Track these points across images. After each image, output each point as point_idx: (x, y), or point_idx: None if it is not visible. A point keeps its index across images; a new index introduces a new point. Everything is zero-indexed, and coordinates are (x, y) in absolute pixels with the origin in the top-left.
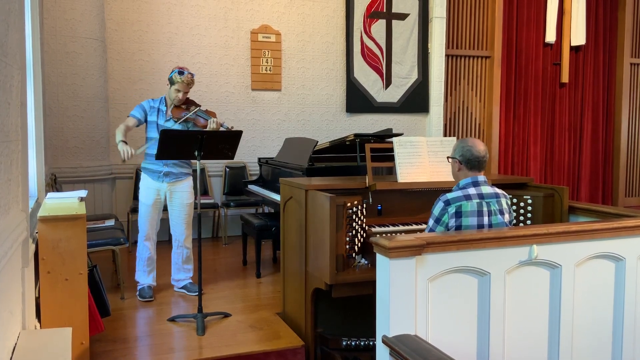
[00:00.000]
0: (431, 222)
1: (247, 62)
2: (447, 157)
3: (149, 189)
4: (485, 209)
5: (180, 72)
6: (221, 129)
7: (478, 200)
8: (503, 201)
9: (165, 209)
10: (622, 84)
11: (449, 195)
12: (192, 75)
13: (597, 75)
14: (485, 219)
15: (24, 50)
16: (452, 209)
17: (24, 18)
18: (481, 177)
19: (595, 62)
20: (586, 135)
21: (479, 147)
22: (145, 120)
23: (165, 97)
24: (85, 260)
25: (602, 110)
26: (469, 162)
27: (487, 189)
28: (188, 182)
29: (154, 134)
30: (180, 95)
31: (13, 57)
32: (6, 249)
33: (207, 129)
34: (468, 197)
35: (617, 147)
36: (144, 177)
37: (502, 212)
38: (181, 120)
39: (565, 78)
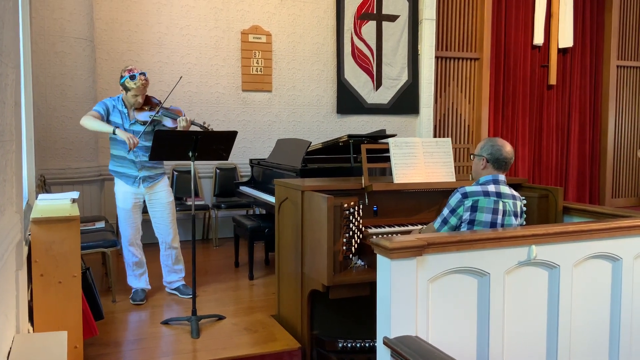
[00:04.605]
0: (446, 211)
1: (237, 62)
2: (472, 155)
3: (126, 193)
4: (500, 207)
5: (132, 77)
6: (192, 127)
7: (495, 198)
8: (518, 204)
9: (144, 211)
10: (609, 86)
11: (468, 189)
12: (144, 74)
13: (584, 77)
14: (499, 218)
15: (18, 49)
16: (468, 202)
17: (18, 16)
18: (502, 177)
19: (582, 64)
20: (573, 137)
21: (507, 148)
22: (108, 120)
23: (122, 99)
24: (79, 263)
25: (589, 112)
26: (497, 162)
27: (505, 189)
28: (165, 181)
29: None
30: (139, 99)
31: (7, 56)
32: (2, 252)
33: (178, 128)
34: (486, 194)
35: (603, 149)
36: (118, 182)
37: (515, 215)
38: (148, 123)
39: (552, 80)
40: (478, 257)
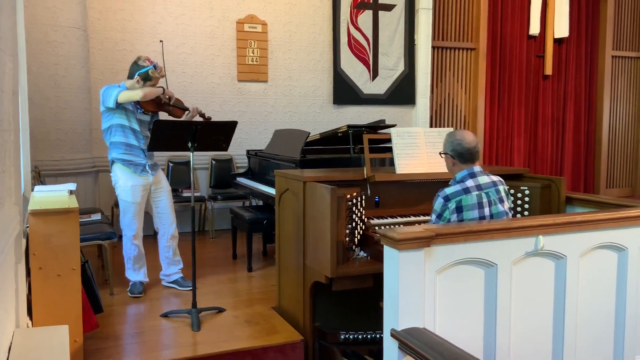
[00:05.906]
0: (434, 217)
1: (233, 52)
2: (440, 153)
3: (135, 187)
4: (485, 199)
5: (155, 67)
6: (197, 117)
7: (477, 192)
8: (501, 189)
9: None
10: (604, 76)
11: (448, 191)
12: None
13: (580, 68)
14: (486, 210)
15: (15, 37)
16: (452, 205)
17: (15, 3)
18: (477, 168)
19: (578, 55)
20: (568, 127)
21: (468, 137)
22: (116, 107)
23: (127, 87)
24: (78, 255)
25: (584, 102)
26: (461, 156)
27: (484, 179)
28: (161, 171)
29: (134, 124)
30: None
31: (5, 43)
32: (3, 245)
33: (186, 116)
34: (467, 191)
35: (598, 139)
36: (124, 172)
37: (501, 201)
38: (158, 111)
39: (548, 70)
40: (485, 247)
